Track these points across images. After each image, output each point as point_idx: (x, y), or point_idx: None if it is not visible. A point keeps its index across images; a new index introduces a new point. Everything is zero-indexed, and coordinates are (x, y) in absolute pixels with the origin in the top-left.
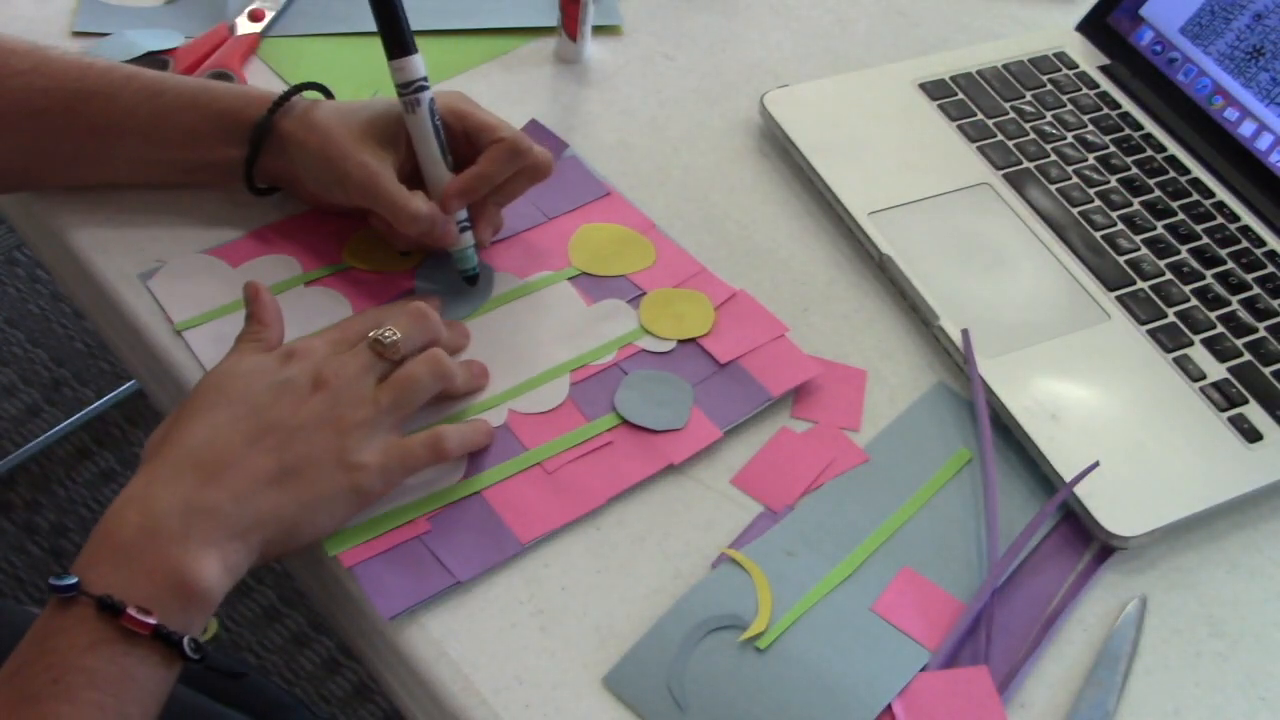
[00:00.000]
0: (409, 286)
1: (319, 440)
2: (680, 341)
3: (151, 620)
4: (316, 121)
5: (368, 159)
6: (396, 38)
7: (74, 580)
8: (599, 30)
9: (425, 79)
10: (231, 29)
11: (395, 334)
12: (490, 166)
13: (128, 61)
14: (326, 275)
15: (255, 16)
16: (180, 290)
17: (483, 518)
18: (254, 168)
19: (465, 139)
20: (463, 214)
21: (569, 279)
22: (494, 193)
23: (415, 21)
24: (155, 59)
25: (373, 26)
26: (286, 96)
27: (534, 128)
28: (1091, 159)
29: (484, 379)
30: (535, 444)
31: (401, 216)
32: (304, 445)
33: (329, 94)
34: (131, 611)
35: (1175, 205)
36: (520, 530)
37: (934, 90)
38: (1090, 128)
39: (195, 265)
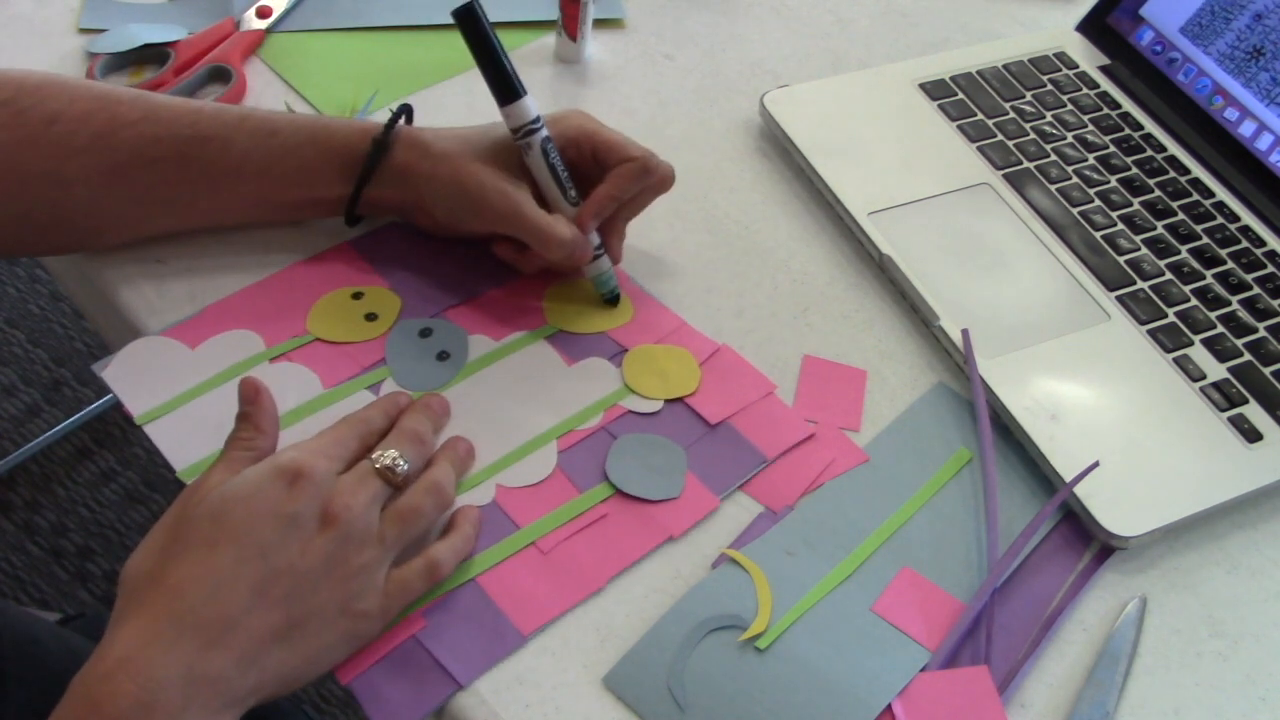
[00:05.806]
0: (378, 358)
1: (325, 588)
2: (667, 401)
3: None
4: (443, 152)
5: (508, 188)
6: (503, 83)
7: None
8: (603, 24)
9: (537, 120)
10: (237, 24)
11: (405, 464)
12: (619, 186)
13: (127, 52)
14: (291, 349)
15: (263, 13)
16: (137, 380)
17: (479, 608)
18: (358, 200)
19: (593, 158)
20: (595, 238)
21: (546, 338)
22: (622, 208)
23: (416, 16)
24: (156, 51)
25: (380, 21)
26: (391, 126)
27: None
28: (1091, 159)
29: (470, 459)
30: (527, 521)
31: (549, 243)
32: (310, 594)
33: (410, 113)
34: None
35: (1175, 205)
36: (520, 620)
37: (934, 90)
38: (1090, 128)
39: (151, 349)
